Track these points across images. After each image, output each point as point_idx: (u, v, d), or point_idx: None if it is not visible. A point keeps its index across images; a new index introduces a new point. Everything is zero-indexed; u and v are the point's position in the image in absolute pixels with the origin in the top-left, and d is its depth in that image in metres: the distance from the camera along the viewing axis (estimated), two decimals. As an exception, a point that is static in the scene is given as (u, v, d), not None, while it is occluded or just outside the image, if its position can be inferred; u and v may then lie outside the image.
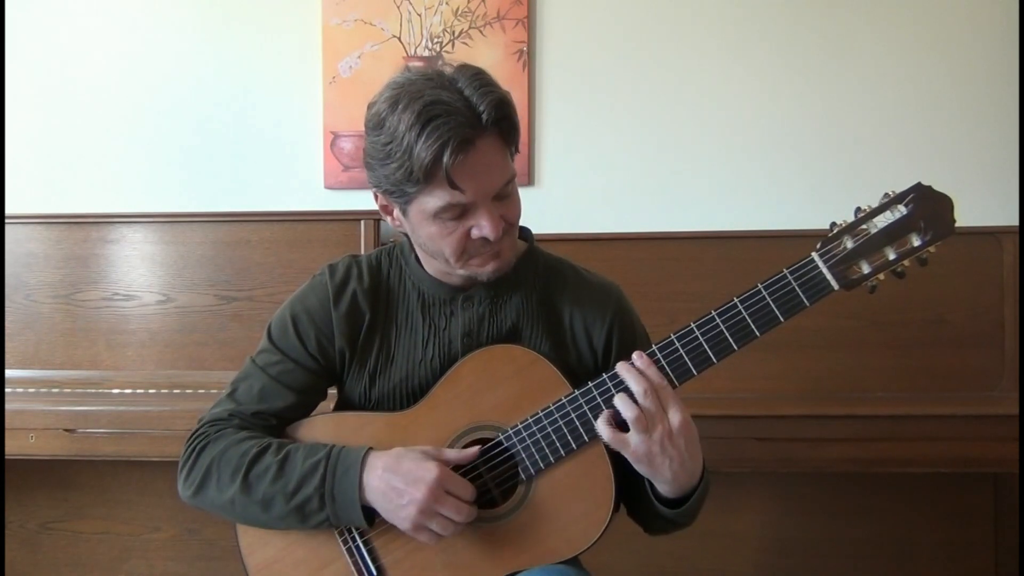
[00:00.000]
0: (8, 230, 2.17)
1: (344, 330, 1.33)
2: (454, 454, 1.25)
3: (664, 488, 1.22)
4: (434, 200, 1.20)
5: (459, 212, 1.21)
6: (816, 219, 2.04)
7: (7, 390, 2.08)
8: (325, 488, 1.22)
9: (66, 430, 1.98)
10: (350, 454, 1.24)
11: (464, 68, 1.20)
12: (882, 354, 2.02)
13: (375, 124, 1.21)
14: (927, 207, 1.14)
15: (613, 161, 2.51)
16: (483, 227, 1.21)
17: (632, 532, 1.36)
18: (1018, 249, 1.99)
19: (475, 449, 1.25)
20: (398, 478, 1.20)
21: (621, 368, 1.20)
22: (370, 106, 1.23)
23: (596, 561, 1.35)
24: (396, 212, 1.29)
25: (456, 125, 1.14)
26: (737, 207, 2.45)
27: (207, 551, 2.31)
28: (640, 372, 1.19)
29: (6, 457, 1.95)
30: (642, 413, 1.17)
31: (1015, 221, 2.10)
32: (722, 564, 2.21)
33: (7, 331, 2.14)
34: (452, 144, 1.14)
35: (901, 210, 1.14)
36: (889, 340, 2.02)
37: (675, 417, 1.17)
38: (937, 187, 1.15)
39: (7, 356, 2.13)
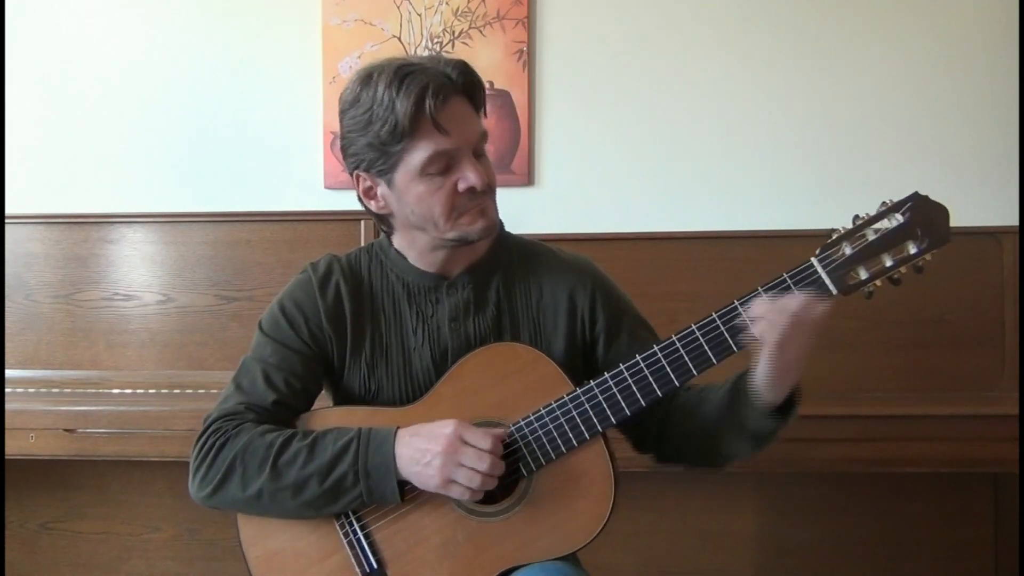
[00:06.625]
0: (8, 230, 2.17)
1: (332, 317, 1.36)
2: (480, 432, 1.24)
3: (775, 393, 1.20)
4: (420, 153, 1.25)
5: (444, 164, 1.27)
6: (816, 219, 2.05)
7: (7, 390, 2.08)
8: (359, 465, 1.24)
9: (66, 430, 1.98)
10: (381, 431, 1.26)
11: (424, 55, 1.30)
12: (882, 354, 2.02)
13: (351, 102, 1.29)
14: (924, 216, 1.16)
15: (613, 161, 2.51)
16: (468, 178, 1.27)
17: (632, 532, 1.36)
18: (1018, 249, 1.99)
19: (501, 431, 1.26)
20: (421, 439, 1.23)
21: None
22: (342, 95, 1.31)
23: (595, 560, 1.36)
24: (380, 189, 1.32)
25: (431, 76, 1.24)
26: (737, 207, 2.44)
27: (207, 551, 2.31)
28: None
29: (6, 457, 1.95)
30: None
31: (1015, 221, 2.09)
32: (722, 564, 2.21)
33: (7, 331, 2.14)
34: (432, 88, 1.23)
35: (898, 218, 1.16)
36: (889, 340, 2.02)
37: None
38: (937, 187, 1.17)
39: (7, 356, 2.13)
